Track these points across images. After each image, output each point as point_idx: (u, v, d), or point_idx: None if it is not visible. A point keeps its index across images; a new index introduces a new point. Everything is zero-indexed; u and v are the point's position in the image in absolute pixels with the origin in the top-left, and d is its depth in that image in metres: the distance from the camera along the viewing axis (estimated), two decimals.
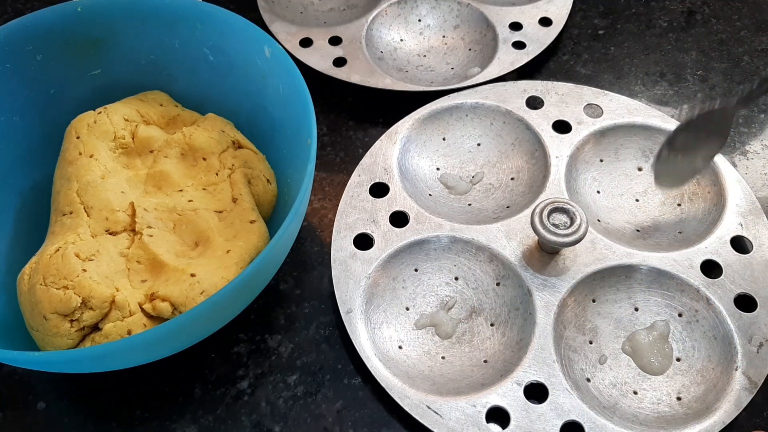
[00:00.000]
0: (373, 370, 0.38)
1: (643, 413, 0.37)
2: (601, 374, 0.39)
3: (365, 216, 0.43)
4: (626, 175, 0.46)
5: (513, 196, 0.46)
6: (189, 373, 0.40)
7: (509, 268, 0.41)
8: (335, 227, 0.43)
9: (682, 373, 0.38)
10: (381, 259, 0.42)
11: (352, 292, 0.40)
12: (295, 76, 0.40)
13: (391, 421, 0.38)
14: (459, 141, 0.48)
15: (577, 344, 0.40)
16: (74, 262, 0.37)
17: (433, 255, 0.43)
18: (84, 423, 0.39)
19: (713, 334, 0.39)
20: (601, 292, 0.41)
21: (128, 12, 0.45)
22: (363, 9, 0.57)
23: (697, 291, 0.40)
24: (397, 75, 0.53)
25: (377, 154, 0.46)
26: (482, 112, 0.48)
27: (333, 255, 0.42)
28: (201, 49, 0.45)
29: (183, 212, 0.41)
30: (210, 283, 0.37)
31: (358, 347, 0.38)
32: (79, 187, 0.41)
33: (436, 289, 0.42)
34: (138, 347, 0.34)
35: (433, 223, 0.43)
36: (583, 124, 0.47)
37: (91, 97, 0.45)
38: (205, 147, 0.43)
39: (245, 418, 0.38)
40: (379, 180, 0.45)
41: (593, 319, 0.40)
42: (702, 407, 0.37)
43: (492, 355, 0.39)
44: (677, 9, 0.58)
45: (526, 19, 0.54)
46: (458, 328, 0.41)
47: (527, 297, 0.40)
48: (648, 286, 0.41)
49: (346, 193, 0.44)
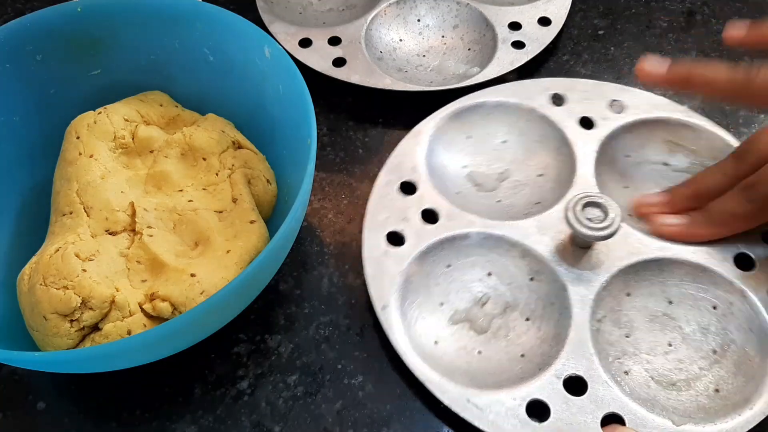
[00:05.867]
0: (411, 365, 0.38)
1: (682, 405, 0.37)
2: (639, 367, 0.39)
3: (396, 214, 0.43)
4: (653, 170, 0.46)
5: (542, 192, 0.46)
6: (189, 373, 0.40)
7: (543, 263, 0.41)
8: (365, 226, 0.43)
9: (720, 366, 0.39)
10: (414, 255, 0.42)
11: (387, 288, 0.40)
12: (295, 76, 0.40)
13: (391, 421, 0.38)
14: (484, 139, 0.48)
15: (614, 338, 0.40)
16: (74, 262, 0.37)
17: (465, 251, 0.43)
18: (84, 423, 0.39)
19: (749, 326, 0.39)
20: (635, 286, 0.41)
21: (128, 12, 0.45)
22: (362, 9, 0.57)
23: (731, 284, 0.40)
24: (396, 75, 0.53)
25: (403, 154, 0.46)
26: (505, 109, 0.48)
27: (365, 254, 0.42)
28: (201, 49, 0.45)
29: (183, 212, 0.41)
30: (210, 283, 0.37)
31: (395, 343, 0.39)
32: (79, 187, 0.41)
33: (469, 285, 0.42)
34: (138, 347, 0.34)
35: (465, 219, 0.43)
36: (607, 119, 0.47)
37: (91, 97, 0.45)
38: (205, 147, 0.43)
39: (245, 418, 0.39)
40: (408, 179, 0.45)
41: (629, 313, 0.41)
42: (741, 399, 0.37)
43: (529, 349, 0.40)
44: (677, 9, 0.58)
45: (525, 18, 0.54)
46: (493, 324, 0.41)
47: (562, 291, 0.40)
48: (681, 279, 0.41)
49: (374, 193, 0.45)
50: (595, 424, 0.36)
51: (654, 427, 0.36)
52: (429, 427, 0.38)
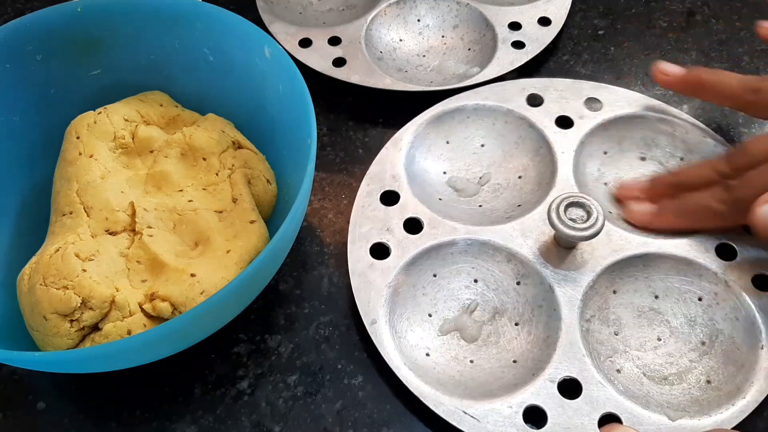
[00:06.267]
0: (404, 379, 0.37)
1: (676, 399, 0.37)
2: (630, 364, 0.39)
3: (379, 225, 0.43)
4: (630, 166, 0.47)
5: (522, 194, 0.46)
6: (189, 373, 0.40)
7: (528, 266, 0.41)
8: (350, 238, 0.43)
9: (709, 357, 0.39)
10: (399, 267, 0.41)
11: (375, 302, 0.40)
12: (295, 76, 0.40)
13: (392, 421, 0.38)
14: (463, 143, 0.48)
15: (603, 336, 0.40)
16: (74, 262, 0.37)
17: (450, 259, 0.42)
18: (84, 423, 0.39)
19: (735, 316, 0.39)
20: (620, 283, 0.41)
21: (128, 12, 0.45)
22: (362, 9, 0.57)
23: (714, 274, 0.40)
24: (396, 75, 0.53)
25: (384, 162, 0.46)
26: (484, 113, 0.48)
27: (351, 267, 0.41)
28: (201, 49, 0.45)
29: (183, 212, 0.41)
30: (210, 283, 0.37)
31: (386, 357, 0.38)
32: (79, 187, 0.41)
33: (457, 293, 0.42)
34: (138, 347, 0.34)
35: (448, 227, 0.43)
36: (584, 118, 0.47)
37: (91, 97, 0.45)
38: (205, 147, 0.43)
39: (245, 418, 0.39)
40: (389, 188, 0.45)
41: (616, 311, 0.41)
42: (733, 388, 0.37)
43: (520, 355, 0.39)
44: (677, 9, 0.58)
45: (525, 18, 0.54)
46: (483, 331, 0.41)
47: (549, 293, 0.40)
48: (666, 273, 0.41)
49: (356, 203, 0.44)
50: (592, 425, 0.36)
51: (650, 423, 0.36)
52: (429, 427, 0.38)
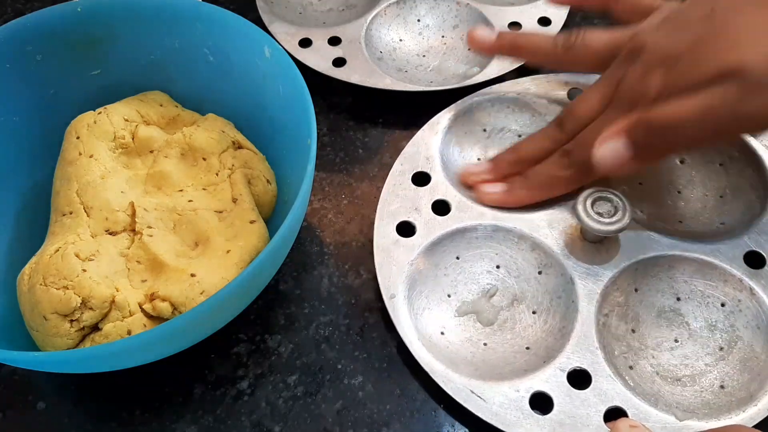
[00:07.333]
0: (416, 354, 0.38)
1: (686, 400, 0.37)
2: (644, 362, 0.39)
3: (408, 204, 0.44)
4: (668, 167, 0.47)
5: None
6: (189, 373, 0.40)
7: (551, 256, 0.42)
8: (378, 214, 0.43)
9: (725, 362, 0.39)
10: (423, 246, 0.42)
11: (395, 278, 0.41)
12: (295, 76, 0.40)
13: (392, 421, 0.38)
14: (500, 133, 0.48)
15: (619, 332, 0.40)
16: (74, 262, 0.37)
17: (474, 243, 0.43)
18: (84, 423, 0.39)
19: (756, 324, 0.39)
20: (643, 282, 0.41)
21: (128, 12, 0.45)
22: (362, 9, 0.57)
23: (740, 281, 0.40)
24: (396, 75, 0.53)
25: (419, 143, 0.46)
26: (523, 104, 0.49)
27: (376, 242, 0.42)
28: (201, 49, 0.45)
29: (183, 212, 0.41)
30: (210, 283, 0.37)
31: (401, 332, 0.39)
32: (78, 187, 0.41)
33: (478, 277, 0.42)
34: (138, 347, 0.34)
35: (475, 211, 0.43)
36: None
37: (91, 97, 0.45)
38: (205, 147, 0.43)
39: (245, 418, 0.39)
40: (422, 169, 0.45)
41: (636, 308, 0.41)
42: (746, 395, 0.37)
43: (534, 342, 0.40)
44: None
45: (525, 18, 0.54)
46: (500, 316, 0.41)
47: (570, 285, 0.40)
48: (690, 276, 0.41)
49: (388, 182, 0.45)
50: (597, 417, 0.36)
51: (657, 421, 0.36)
52: (429, 427, 0.38)
